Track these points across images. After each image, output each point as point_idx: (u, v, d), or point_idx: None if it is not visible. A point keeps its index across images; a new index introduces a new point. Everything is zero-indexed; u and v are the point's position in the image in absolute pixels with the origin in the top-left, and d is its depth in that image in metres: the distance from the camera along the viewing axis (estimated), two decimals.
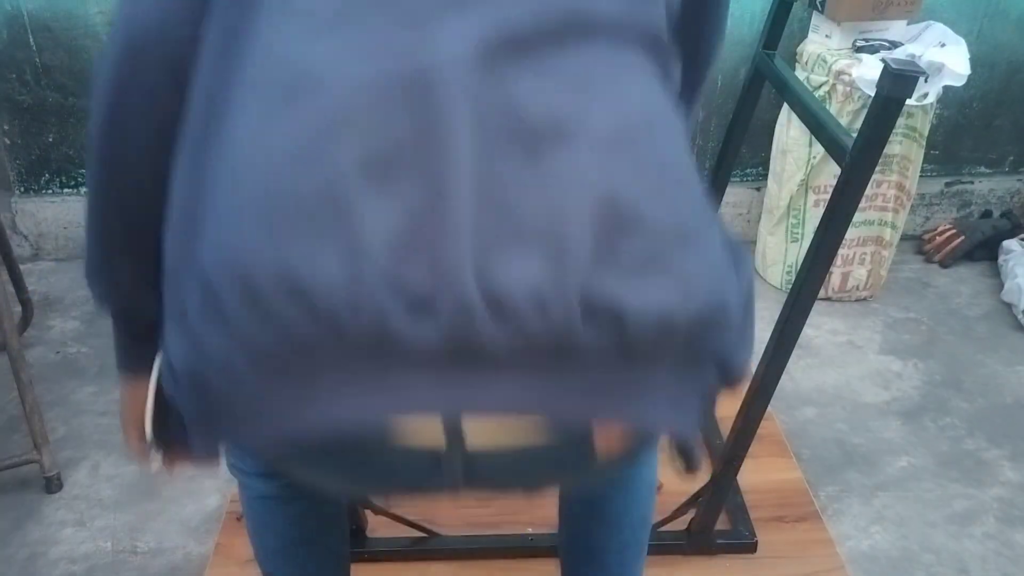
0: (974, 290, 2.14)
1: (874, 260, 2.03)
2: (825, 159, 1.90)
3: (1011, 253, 2.13)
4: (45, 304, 2.03)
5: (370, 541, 1.36)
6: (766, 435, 1.57)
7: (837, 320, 2.01)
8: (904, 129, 1.87)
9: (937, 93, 1.83)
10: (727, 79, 2.11)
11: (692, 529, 1.35)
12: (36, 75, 2.01)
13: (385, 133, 0.57)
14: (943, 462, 1.60)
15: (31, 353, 1.84)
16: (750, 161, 2.25)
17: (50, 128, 2.08)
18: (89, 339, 1.92)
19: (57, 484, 1.50)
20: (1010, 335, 1.97)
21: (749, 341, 0.75)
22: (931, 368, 1.86)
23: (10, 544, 1.40)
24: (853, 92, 1.81)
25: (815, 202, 1.97)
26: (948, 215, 2.36)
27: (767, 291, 2.13)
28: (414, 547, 1.36)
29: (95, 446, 1.61)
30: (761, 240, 2.16)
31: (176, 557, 1.39)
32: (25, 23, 1.94)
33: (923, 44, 1.86)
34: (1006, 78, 2.19)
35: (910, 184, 1.96)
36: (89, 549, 1.40)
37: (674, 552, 1.37)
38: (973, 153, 2.31)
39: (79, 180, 2.16)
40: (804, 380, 1.81)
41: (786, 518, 1.43)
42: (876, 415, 1.72)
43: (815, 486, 1.52)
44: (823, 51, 1.87)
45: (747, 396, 1.20)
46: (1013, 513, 1.48)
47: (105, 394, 1.75)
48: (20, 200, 2.17)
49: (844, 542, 1.42)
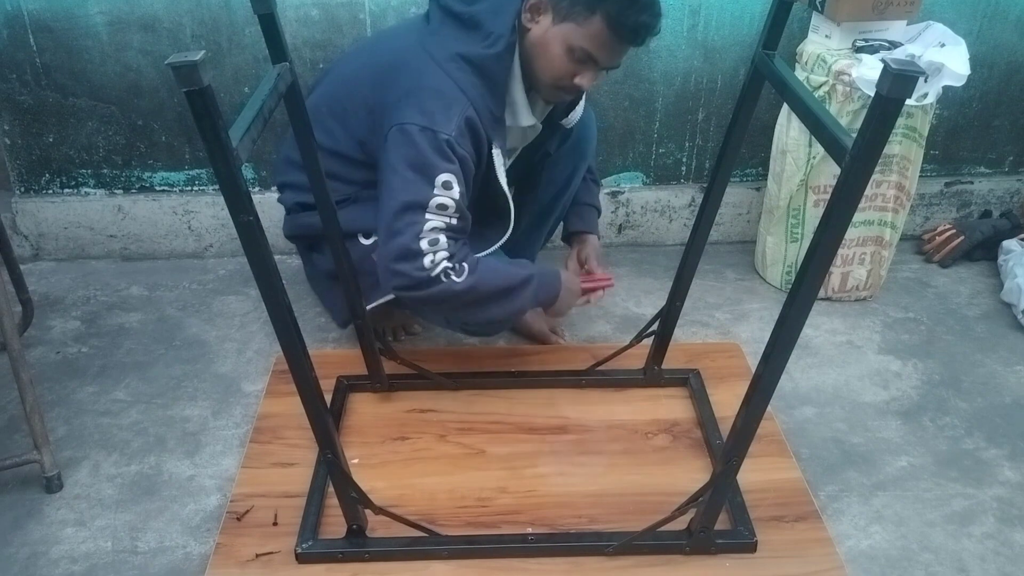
0: (973, 290, 2.14)
1: (874, 260, 2.03)
2: (825, 159, 1.90)
3: (1011, 253, 2.13)
4: (45, 304, 2.03)
5: (370, 541, 1.37)
6: (766, 435, 1.57)
7: (837, 320, 2.01)
8: (904, 129, 1.87)
9: (937, 93, 1.83)
10: (727, 79, 2.11)
11: (692, 529, 1.35)
12: (36, 75, 2.01)
13: None
14: (942, 462, 1.60)
15: (31, 353, 1.84)
16: (750, 161, 2.26)
17: (50, 128, 2.08)
18: (89, 339, 1.92)
19: (57, 484, 1.50)
20: (1009, 335, 1.98)
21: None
22: (930, 368, 1.86)
23: (11, 544, 1.40)
24: (853, 92, 1.81)
25: (815, 202, 1.97)
26: (948, 215, 2.37)
27: (767, 291, 2.14)
28: (414, 547, 1.36)
29: (95, 446, 1.61)
30: (761, 240, 2.17)
31: (176, 557, 1.39)
32: (25, 23, 1.94)
33: (923, 44, 1.86)
34: (1005, 78, 2.19)
35: (910, 184, 1.97)
36: (89, 549, 1.40)
37: (674, 552, 1.37)
38: (972, 153, 2.31)
39: (79, 180, 2.16)
40: (803, 380, 1.81)
41: (785, 518, 1.44)
42: (875, 415, 1.72)
43: (814, 486, 1.53)
44: (823, 51, 1.87)
45: (747, 396, 1.20)
46: (1012, 512, 1.48)
47: (105, 394, 1.75)
48: (20, 200, 2.17)
49: (843, 541, 1.42)
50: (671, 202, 2.28)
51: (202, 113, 0.89)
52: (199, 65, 0.85)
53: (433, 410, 1.69)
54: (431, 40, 1.47)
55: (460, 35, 1.46)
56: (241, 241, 1.02)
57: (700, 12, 2.03)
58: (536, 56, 1.48)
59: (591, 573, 1.34)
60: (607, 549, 1.36)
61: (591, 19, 1.40)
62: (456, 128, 1.41)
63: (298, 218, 1.71)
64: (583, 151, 1.78)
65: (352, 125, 1.57)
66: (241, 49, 2.00)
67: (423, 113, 1.41)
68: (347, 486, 1.29)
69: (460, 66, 1.44)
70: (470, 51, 1.44)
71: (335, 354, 1.85)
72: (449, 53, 1.44)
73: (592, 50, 1.44)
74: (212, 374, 1.81)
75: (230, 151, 0.94)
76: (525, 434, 1.63)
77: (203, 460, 1.59)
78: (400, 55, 1.50)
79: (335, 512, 1.38)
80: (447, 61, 1.44)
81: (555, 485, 1.51)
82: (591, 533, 1.41)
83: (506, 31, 1.44)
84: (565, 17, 1.42)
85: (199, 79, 0.86)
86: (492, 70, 1.45)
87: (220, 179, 0.96)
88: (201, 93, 0.88)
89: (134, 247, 2.24)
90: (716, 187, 1.45)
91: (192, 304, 2.05)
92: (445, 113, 1.41)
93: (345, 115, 1.57)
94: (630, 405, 1.70)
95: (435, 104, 1.42)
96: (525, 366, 1.79)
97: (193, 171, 2.17)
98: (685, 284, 1.59)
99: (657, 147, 2.22)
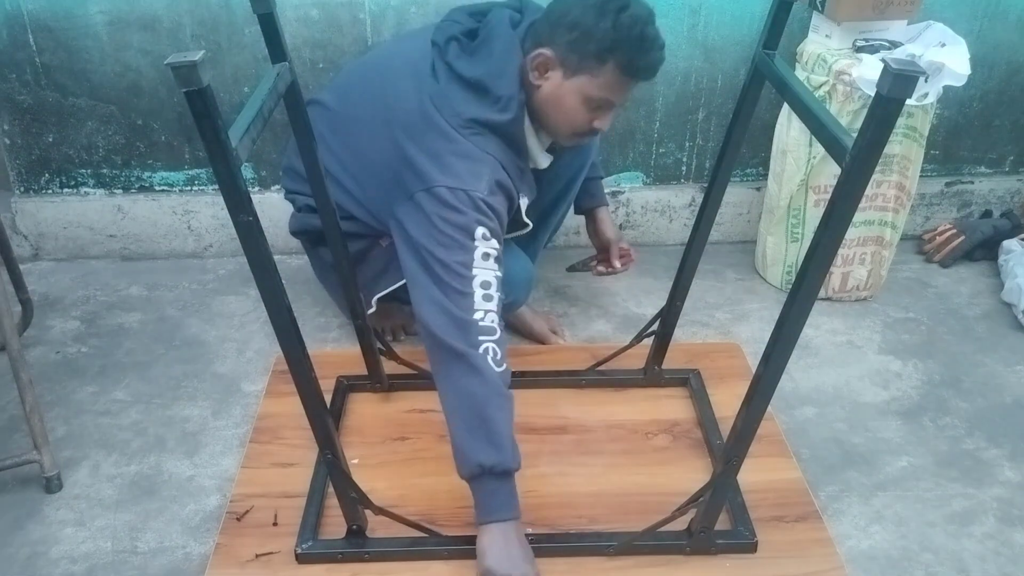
0: (974, 290, 2.14)
1: (874, 260, 2.03)
2: (825, 159, 1.90)
3: (1011, 253, 2.13)
4: (45, 304, 2.03)
5: (370, 542, 1.36)
6: (766, 435, 1.57)
7: (837, 320, 2.01)
8: (904, 129, 1.87)
9: (937, 93, 1.83)
10: (727, 79, 2.11)
11: (692, 529, 1.35)
12: (36, 75, 2.01)
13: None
14: (942, 462, 1.60)
15: (31, 353, 1.84)
16: (750, 161, 2.26)
17: (50, 128, 2.08)
18: (89, 339, 1.92)
19: (57, 484, 1.50)
20: (1010, 335, 1.97)
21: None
22: (930, 368, 1.86)
23: (11, 544, 1.40)
24: (853, 92, 1.81)
25: (815, 202, 1.97)
26: (948, 215, 2.36)
27: (767, 291, 2.14)
28: (414, 547, 1.36)
29: (95, 446, 1.61)
30: (761, 240, 2.17)
31: (176, 557, 1.39)
32: (25, 23, 1.94)
33: (923, 44, 1.86)
34: (1006, 78, 2.19)
35: (910, 184, 1.97)
36: (89, 549, 1.40)
37: (675, 552, 1.37)
38: (973, 153, 2.31)
39: (79, 180, 2.16)
40: (804, 380, 1.81)
41: (786, 518, 1.44)
42: (876, 415, 1.72)
43: (815, 486, 1.52)
44: (823, 51, 1.87)
45: (747, 396, 1.20)
46: (1012, 513, 1.48)
47: (105, 394, 1.75)
48: (20, 200, 2.17)
49: (844, 542, 1.42)
50: (671, 202, 2.28)
51: (202, 113, 0.89)
52: (198, 65, 0.85)
53: (433, 410, 1.68)
54: (442, 102, 1.43)
55: (470, 99, 1.43)
56: (241, 241, 1.02)
57: (700, 12, 2.03)
58: (551, 111, 1.46)
59: (591, 574, 1.34)
60: (608, 549, 1.36)
61: (603, 68, 1.39)
62: (487, 188, 1.38)
63: (306, 218, 1.71)
64: (584, 155, 1.77)
65: (369, 188, 1.57)
66: (241, 49, 2.00)
67: (452, 176, 1.37)
68: (347, 486, 1.29)
69: (477, 131, 1.42)
70: (486, 117, 1.42)
71: (335, 354, 1.85)
72: (464, 120, 1.41)
73: (610, 96, 1.43)
74: (212, 374, 1.81)
75: (230, 151, 0.93)
76: (525, 434, 1.62)
77: (203, 460, 1.59)
78: (415, 116, 1.45)
79: (335, 512, 1.38)
80: (463, 128, 1.41)
81: (555, 485, 1.51)
82: (592, 533, 1.41)
83: (515, 92, 1.42)
84: (576, 71, 1.40)
85: (198, 79, 0.86)
86: (510, 132, 1.44)
87: (220, 179, 0.96)
88: (200, 93, 0.87)
89: (134, 247, 2.24)
90: (716, 186, 1.45)
91: (192, 304, 2.05)
92: (475, 175, 1.38)
93: (362, 176, 1.58)
94: (630, 405, 1.70)
95: (463, 166, 1.39)
96: (525, 366, 1.78)
97: (193, 171, 2.16)
98: (685, 283, 1.59)
99: (657, 147, 2.22)
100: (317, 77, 2.02)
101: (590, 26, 1.36)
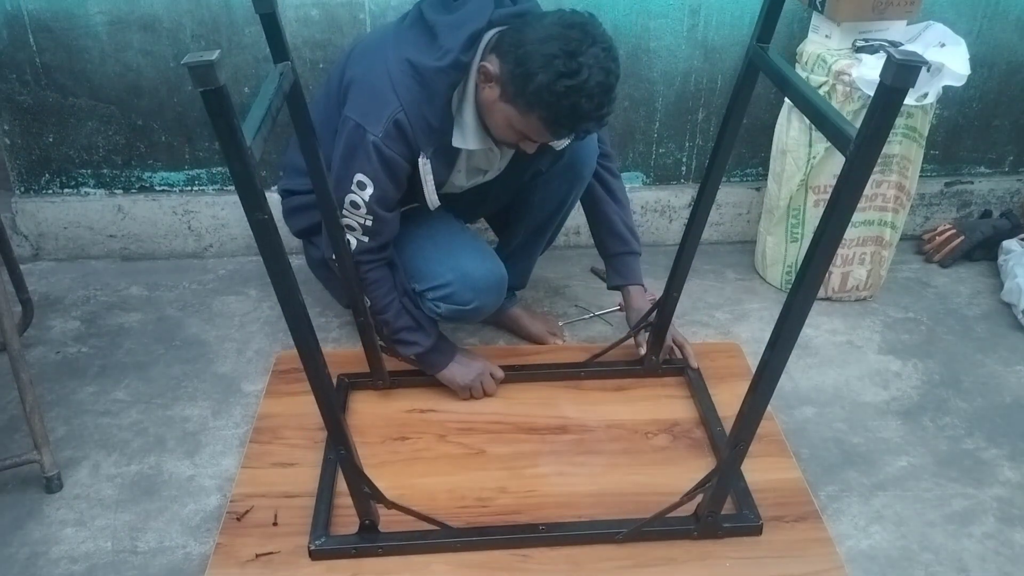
0: (973, 290, 2.14)
1: (874, 260, 2.03)
2: (825, 159, 1.90)
3: (1011, 253, 2.13)
4: (45, 304, 2.03)
5: (382, 536, 1.37)
6: (765, 435, 1.57)
7: (837, 320, 2.01)
8: (904, 129, 1.87)
9: (937, 93, 1.83)
10: (727, 79, 2.11)
11: (699, 514, 1.37)
12: (36, 75, 2.01)
13: None
14: (942, 462, 1.60)
15: (31, 353, 1.84)
16: (750, 161, 2.26)
17: (50, 128, 2.08)
18: (89, 339, 1.92)
19: (57, 484, 1.50)
20: (1009, 335, 1.97)
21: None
22: (930, 368, 1.86)
23: (11, 544, 1.40)
24: (853, 92, 1.81)
25: (815, 202, 1.97)
26: (948, 215, 2.37)
27: (767, 291, 2.14)
28: (426, 540, 1.37)
29: (95, 446, 1.61)
30: (761, 240, 2.17)
31: (176, 557, 1.39)
32: (25, 23, 1.94)
33: (923, 44, 1.86)
34: (1005, 78, 2.19)
35: (910, 184, 1.97)
36: (89, 548, 1.40)
37: (683, 537, 1.38)
38: (973, 153, 2.31)
39: (79, 180, 2.16)
40: (803, 380, 1.81)
41: (785, 517, 1.44)
42: (875, 415, 1.72)
43: (814, 486, 1.53)
44: (823, 51, 1.87)
45: (753, 383, 1.21)
46: (1012, 512, 1.48)
47: (105, 394, 1.75)
48: (20, 200, 2.17)
49: (843, 541, 1.42)
50: (671, 202, 2.28)
51: (218, 112, 0.89)
52: (215, 65, 0.86)
53: (433, 410, 1.69)
54: (395, 40, 1.47)
55: (420, 42, 1.45)
56: (256, 239, 1.03)
57: (700, 12, 2.03)
58: (484, 115, 1.46)
59: (592, 574, 1.34)
60: (617, 536, 1.37)
61: (529, 114, 1.38)
62: (384, 130, 1.41)
63: (292, 202, 1.74)
64: (579, 172, 1.72)
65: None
66: (241, 49, 2.00)
67: (359, 109, 1.44)
68: (360, 481, 1.30)
69: (404, 70, 1.42)
70: (419, 59, 1.42)
71: (335, 353, 1.84)
72: (401, 56, 1.43)
73: (533, 135, 1.43)
74: (212, 374, 1.81)
75: (246, 150, 0.94)
76: (525, 434, 1.63)
77: (203, 460, 1.59)
78: (367, 44, 1.54)
79: (341, 510, 1.40)
80: (396, 63, 1.43)
81: (555, 485, 1.51)
82: (601, 522, 1.42)
83: (456, 48, 1.40)
84: (509, 99, 1.39)
85: (215, 78, 0.86)
86: (433, 82, 1.42)
87: (236, 178, 0.96)
88: (217, 92, 0.88)
89: (134, 247, 2.24)
90: (710, 182, 1.46)
91: (192, 304, 2.05)
92: (376, 113, 1.42)
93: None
94: (630, 405, 1.70)
95: (369, 102, 1.44)
96: (523, 363, 1.79)
97: (193, 171, 2.16)
98: (682, 273, 1.60)
99: (657, 147, 2.22)
100: (317, 77, 2.02)
101: (533, 71, 1.32)
